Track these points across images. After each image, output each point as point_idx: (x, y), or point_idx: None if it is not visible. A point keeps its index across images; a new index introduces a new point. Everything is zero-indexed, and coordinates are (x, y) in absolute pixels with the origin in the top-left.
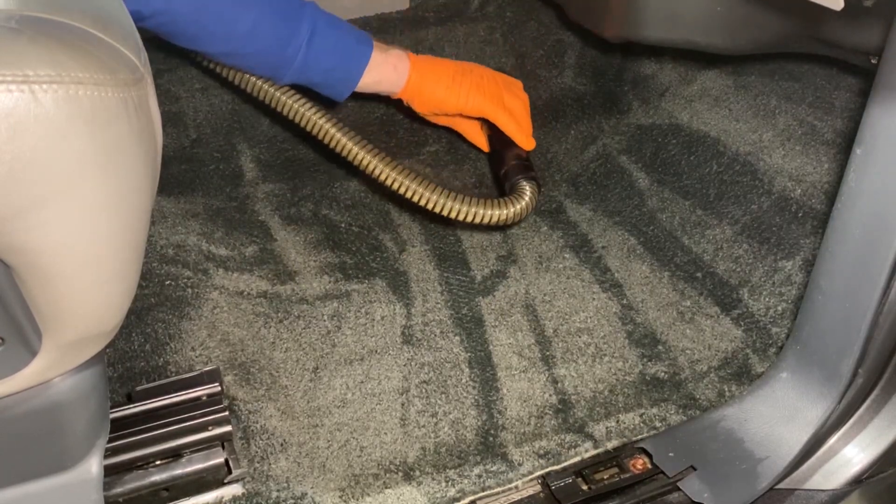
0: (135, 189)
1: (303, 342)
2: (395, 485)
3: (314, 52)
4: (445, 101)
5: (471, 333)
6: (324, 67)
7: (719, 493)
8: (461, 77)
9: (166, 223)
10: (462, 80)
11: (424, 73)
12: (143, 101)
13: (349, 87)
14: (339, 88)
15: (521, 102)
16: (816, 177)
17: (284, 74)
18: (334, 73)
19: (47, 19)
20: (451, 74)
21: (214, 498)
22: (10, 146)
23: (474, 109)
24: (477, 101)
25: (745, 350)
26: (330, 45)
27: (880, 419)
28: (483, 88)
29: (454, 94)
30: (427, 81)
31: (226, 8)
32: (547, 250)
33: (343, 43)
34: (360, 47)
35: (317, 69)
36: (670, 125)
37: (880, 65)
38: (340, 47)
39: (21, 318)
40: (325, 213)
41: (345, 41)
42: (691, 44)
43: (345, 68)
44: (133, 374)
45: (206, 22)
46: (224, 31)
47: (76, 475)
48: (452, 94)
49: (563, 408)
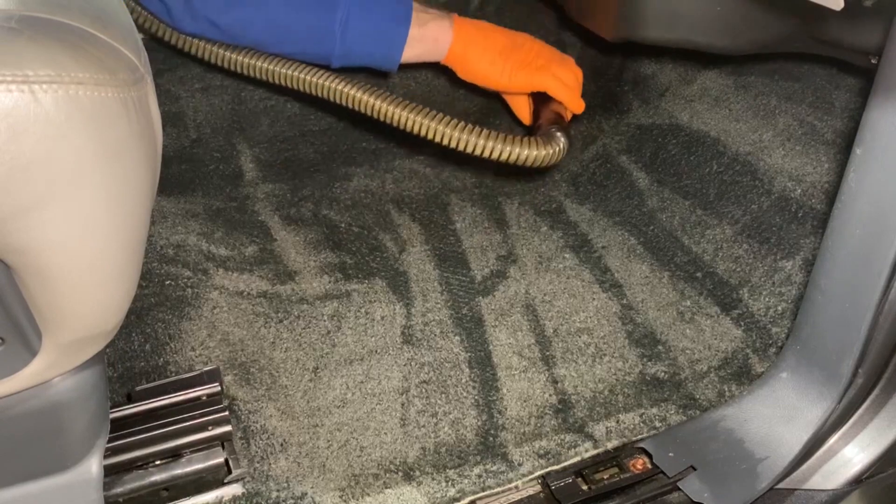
0: (135, 189)
1: (303, 342)
2: (395, 485)
3: (349, 42)
4: (488, 77)
5: (471, 333)
6: (361, 53)
7: (719, 493)
8: (508, 53)
9: (166, 223)
10: (509, 55)
11: (469, 43)
12: (143, 101)
13: (393, 65)
14: (384, 66)
15: (573, 74)
16: (816, 177)
17: (331, 63)
18: (373, 57)
19: (47, 19)
20: (499, 49)
21: (214, 498)
22: (10, 146)
23: (519, 87)
24: (522, 79)
25: (745, 350)
26: (363, 31)
27: (880, 419)
28: (530, 64)
29: (498, 70)
30: (471, 52)
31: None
32: (547, 250)
33: (378, 27)
34: (397, 28)
35: (356, 56)
36: (670, 125)
37: (880, 65)
38: (375, 32)
39: (21, 318)
40: (325, 213)
41: (380, 24)
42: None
43: (383, 52)
44: (133, 374)
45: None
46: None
47: (76, 475)
48: (496, 71)
49: (563, 408)
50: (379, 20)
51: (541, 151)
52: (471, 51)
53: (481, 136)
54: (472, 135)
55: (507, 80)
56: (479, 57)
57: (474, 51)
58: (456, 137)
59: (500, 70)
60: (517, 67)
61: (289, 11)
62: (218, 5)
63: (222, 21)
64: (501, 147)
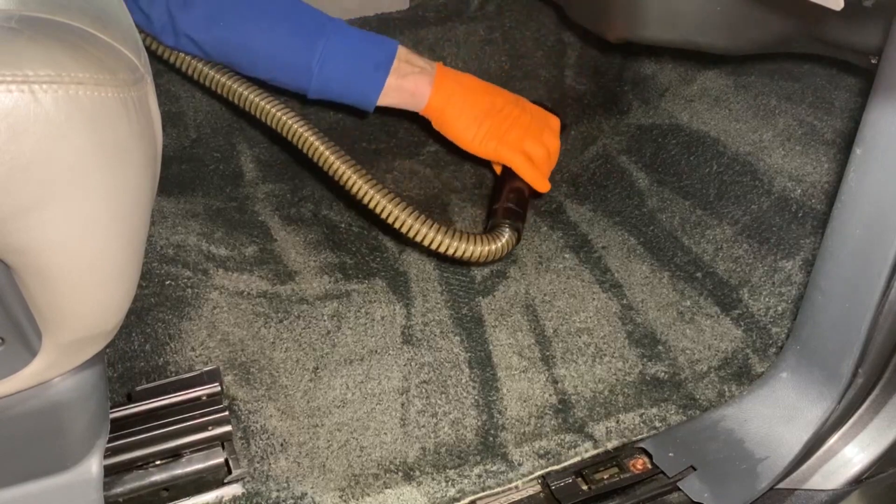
0: (135, 189)
1: (303, 342)
2: (395, 485)
3: (325, 80)
4: (460, 138)
5: (471, 333)
6: (337, 92)
7: (719, 493)
8: (484, 117)
9: (166, 223)
10: (484, 121)
11: (448, 99)
12: (143, 101)
13: (369, 107)
14: (360, 107)
15: (544, 150)
16: (816, 177)
17: (306, 95)
18: (349, 98)
19: (47, 19)
20: (476, 111)
21: (214, 498)
22: (9, 146)
23: (487, 156)
24: (490, 149)
25: (745, 350)
26: (341, 72)
27: (880, 419)
28: (503, 135)
29: (470, 135)
30: (449, 110)
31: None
32: (547, 250)
33: (356, 70)
34: (375, 74)
35: (331, 93)
36: (670, 125)
37: (880, 65)
38: (352, 75)
39: (21, 318)
40: (325, 213)
41: (358, 68)
42: (691, 44)
43: (358, 95)
44: (133, 374)
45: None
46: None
47: (76, 475)
48: (468, 135)
49: (563, 408)
50: (357, 63)
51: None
52: (448, 108)
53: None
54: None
55: (476, 146)
56: (455, 116)
57: (452, 109)
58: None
59: (472, 135)
60: (489, 136)
61: (269, 39)
62: (198, 23)
63: (201, 38)
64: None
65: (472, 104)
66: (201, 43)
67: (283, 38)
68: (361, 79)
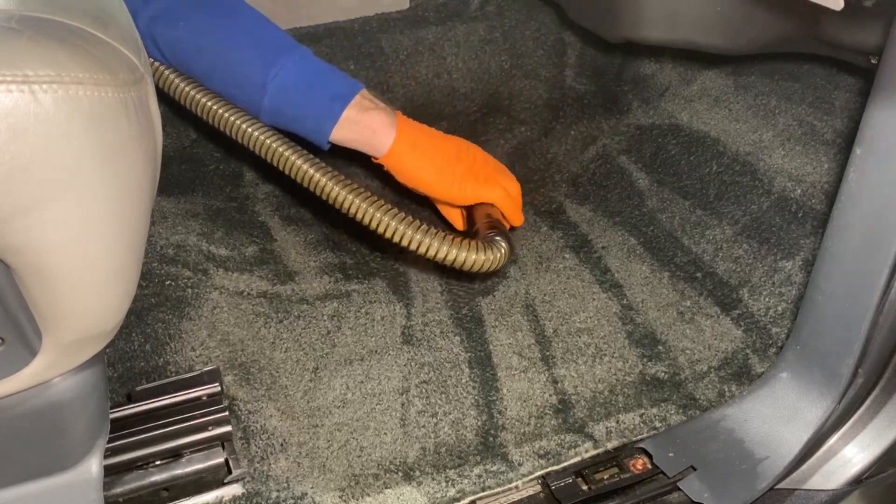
0: (135, 189)
1: (303, 342)
2: (395, 485)
3: (278, 102)
4: (433, 185)
5: (471, 333)
6: (289, 116)
7: (719, 494)
8: (455, 162)
9: (166, 223)
10: (456, 165)
11: (415, 146)
12: (143, 101)
13: (323, 140)
14: (314, 140)
15: (516, 185)
16: (816, 177)
17: (258, 115)
18: (302, 126)
19: (47, 19)
20: (446, 157)
21: (214, 498)
22: (9, 146)
23: (468, 198)
24: (471, 190)
25: (745, 350)
26: (295, 94)
27: (880, 419)
28: (477, 175)
29: (448, 180)
30: (416, 156)
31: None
32: (547, 250)
33: (312, 96)
34: (332, 104)
35: (284, 118)
36: (670, 125)
37: (880, 65)
38: (307, 99)
39: (21, 318)
40: (326, 213)
41: (315, 94)
42: (691, 44)
43: (312, 123)
44: (133, 374)
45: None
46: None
47: (76, 475)
48: (445, 180)
49: (563, 408)
50: (315, 91)
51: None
52: (416, 155)
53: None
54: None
55: (457, 191)
56: (424, 162)
57: (420, 156)
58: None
59: (449, 180)
60: (465, 178)
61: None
62: (158, 17)
63: (160, 35)
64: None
65: (439, 149)
66: (159, 40)
67: (242, 48)
68: (317, 106)
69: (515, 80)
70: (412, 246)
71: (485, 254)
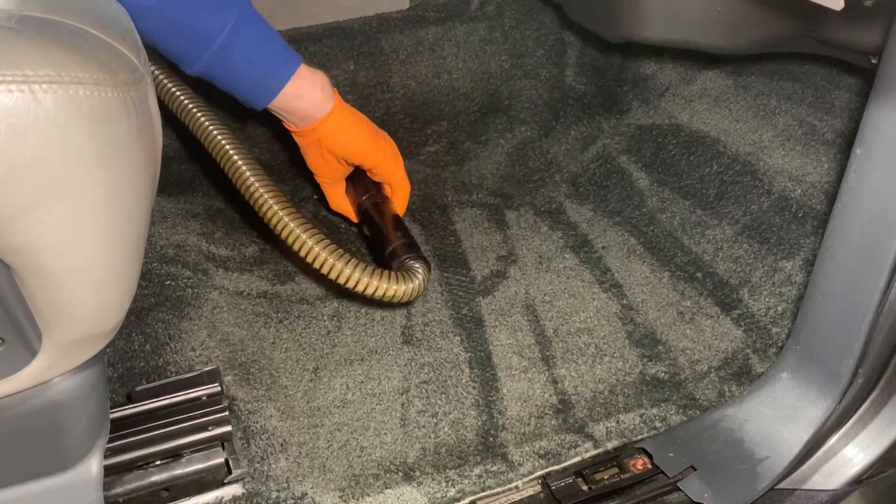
0: (135, 189)
1: (303, 342)
2: (395, 485)
3: (239, 39)
4: (365, 151)
5: (471, 333)
6: (247, 57)
7: (719, 494)
8: (381, 138)
9: (166, 223)
10: (383, 141)
11: (351, 114)
12: (143, 101)
13: (271, 91)
14: (258, 90)
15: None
16: (816, 177)
17: (198, 58)
18: (257, 69)
19: (47, 19)
20: (375, 130)
21: (214, 498)
22: (9, 146)
23: (388, 170)
24: (392, 164)
25: (745, 350)
26: (258, 37)
27: (880, 419)
28: (397, 155)
29: (379, 149)
30: (349, 123)
31: None
32: (547, 250)
33: (272, 42)
34: (290, 53)
35: (238, 58)
36: (670, 125)
37: (880, 65)
38: (269, 45)
39: (21, 318)
40: (325, 213)
41: (274, 42)
42: (691, 44)
43: (270, 65)
44: (133, 374)
45: None
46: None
47: (76, 475)
48: (377, 150)
49: (564, 408)
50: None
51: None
52: (349, 121)
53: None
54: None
55: (381, 159)
56: (356, 130)
57: (354, 123)
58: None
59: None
60: (389, 151)
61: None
62: None
63: None
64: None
65: (368, 123)
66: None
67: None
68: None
69: (515, 80)
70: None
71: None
